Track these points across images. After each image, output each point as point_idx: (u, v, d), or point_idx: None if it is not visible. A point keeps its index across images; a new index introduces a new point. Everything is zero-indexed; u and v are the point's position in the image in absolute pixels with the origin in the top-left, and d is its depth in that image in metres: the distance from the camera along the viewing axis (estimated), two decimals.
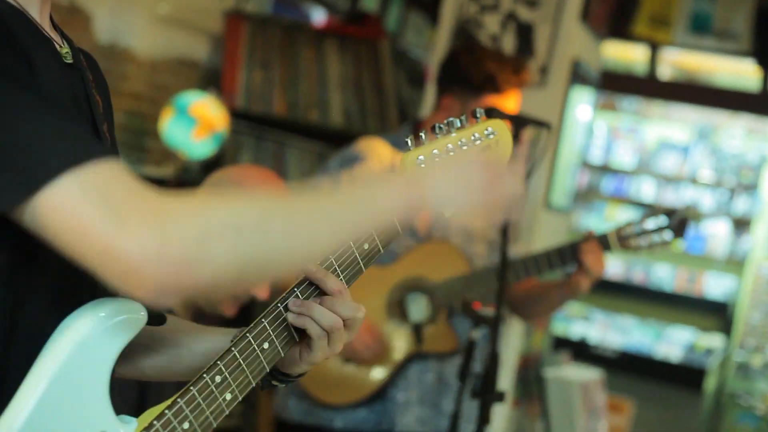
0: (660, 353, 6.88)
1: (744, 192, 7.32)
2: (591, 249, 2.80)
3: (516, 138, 2.73)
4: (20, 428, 1.14)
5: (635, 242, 2.83)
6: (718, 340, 6.95)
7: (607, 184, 7.57)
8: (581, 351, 6.66)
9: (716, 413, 6.57)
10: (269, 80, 4.28)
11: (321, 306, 1.34)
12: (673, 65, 6.60)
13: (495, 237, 3.06)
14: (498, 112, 2.89)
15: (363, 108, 4.35)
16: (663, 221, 2.83)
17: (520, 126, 2.76)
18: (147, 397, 2.00)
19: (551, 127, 2.79)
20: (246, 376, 1.30)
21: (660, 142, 7.46)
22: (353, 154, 3.09)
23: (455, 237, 3.07)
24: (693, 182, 7.36)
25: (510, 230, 2.62)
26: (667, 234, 2.83)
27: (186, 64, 4.33)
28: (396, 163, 1.45)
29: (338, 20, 4.98)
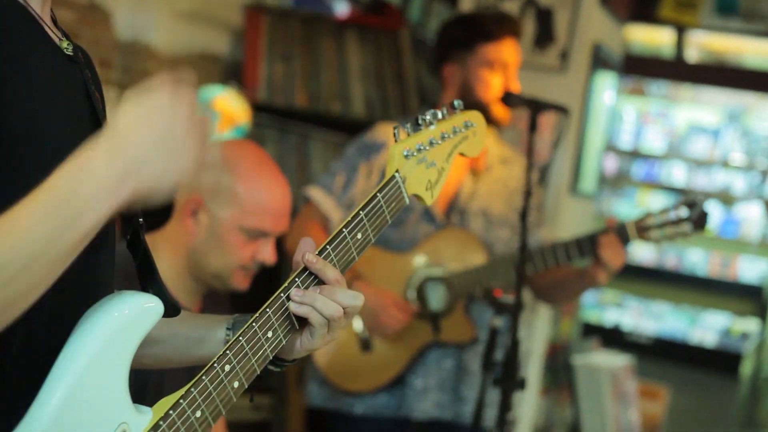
0: (695, 339, 6.80)
1: None
2: (609, 242, 2.78)
3: (533, 123, 2.72)
4: (47, 423, 1.15)
5: (655, 234, 2.81)
6: (754, 325, 6.87)
7: (638, 170, 7.49)
8: (615, 338, 6.59)
9: (753, 398, 6.50)
10: (290, 73, 4.28)
11: (322, 295, 1.37)
12: (701, 48, 6.52)
13: (516, 222, 3.03)
14: (516, 98, 2.88)
15: (384, 98, 4.34)
16: (683, 212, 2.80)
17: (538, 111, 2.74)
18: (146, 389, 2.01)
19: (569, 112, 2.77)
20: (252, 365, 1.34)
21: (690, 126, 7.37)
22: (372, 141, 3.08)
23: (475, 222, 3.05)
24: (724, 166, 7.27)
25: (529, 216, 2.61)
26: (687, 225, 2.80)
27: (207, 59, 4.34)
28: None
29: (358, 11, 4.97)
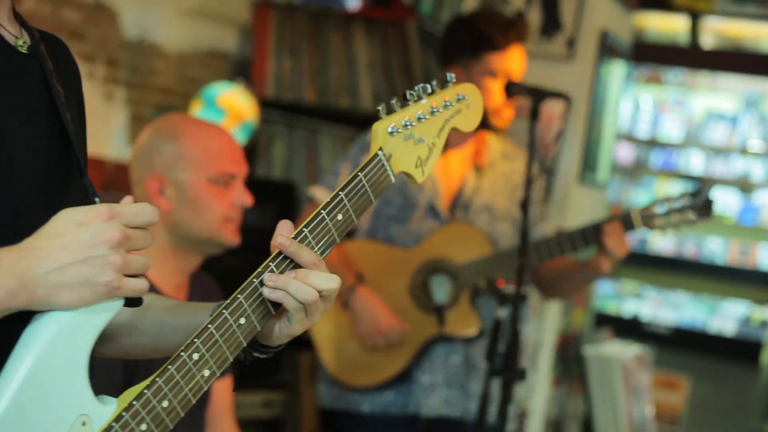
0: (714, 328, 6.75)
1: None
2: (613, 231, 2.77)
3: (535, 111, 2.70)
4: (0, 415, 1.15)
5: (660, 221, 2.80)
6: None
7: (656, 159, 7.44)
8: (634, 328, 6.56)
9: None
10: (298, 68, 4.27)
11: (296, 279, 1.33)
12: (716, 34, 6.46)
13: (519, 216, 3.03)
14: (518, 86, 2.86)
15: (392, 91, 4.32)
16: (688, 201, 2.80)
17: (539, 99, 2.72)
18: (134, 378, 2.01)
19: (571, 99, 2.75)
20: (223, 352, 1.31)
21: (707, 113, 7.31)
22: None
23: (480, 217, 3.04)
24: (742, 153, 7.20)
25: (530, 208, 2.59)
26: (693, 213, 2.79)
27: (215, 56, 4.34)
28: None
29: (367, 4, 4.95)
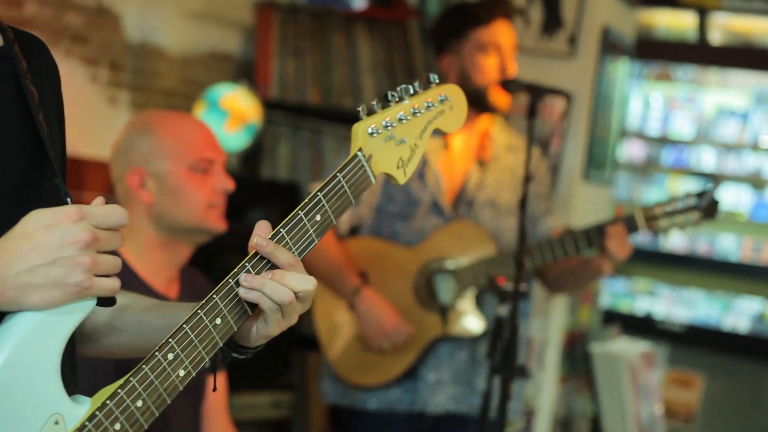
0: (728, 325, 6.71)
1: None
2: (616, 233, 2.76)
3: (533, 108, 2.68)
4: None
5: (663, 223, 2.79)
6: None
7: (667, 156, 7.40)
8: (647, 326, 6.53)
9: None
10: (302, 69, 4.27)
11: (272, 280, 1.33)
12: (724, 30, 6.42)
13: (527, 210, 3.02)
14: (516, 83, 2.85)
15: None
16: (692, 202, 2.78)
17: (538, 96, 2.71)
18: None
19: (569, 96, 2.73)
20: (199, 352, 1.31)
21: (718, 110, 7.27)
22: None
23: (484, 212, 3.03)
24: (754, 149, 7.15)
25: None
26: (697, 214, 2.77)
27: (219, 58, 4.34)
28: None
29: (371, 4, 4.94)
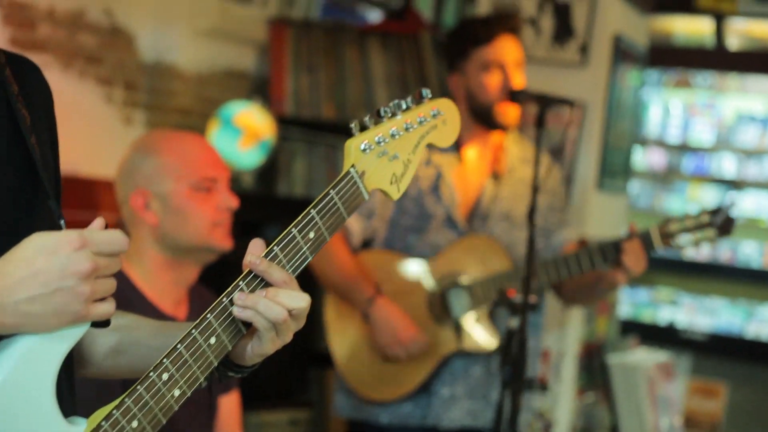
0: (751, 333, 6.67)
1: None
2: (632, 249, 2.77)
3: (542, 118, 2.68)
4: None
5: (678, 240, 2.79)
6: None
7: (687, 163, 7.37)
8: (670, 336, 6.50)
9: None
10: (316, 84, 4.28)
11: (266, 298, 1.33)
12: (742, 35, 6.39)
13: (539, 223, 3.01)
14: (524, 93, 2.85)
15: None
16: (707, 219, 2.78)
17: (546, 105, 2.71)
18: None
19: (575, 105, 2.73)
20: (194, 372, 1.32)
21: (738, 116, 7.24)
22: None
23: (498, 225, 3.03)
24: None
25: (536, 214, 2.58)
26: (712, 231, 2.77)
27: (233, 76, 4.36)
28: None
29: (387, 18, 4.96)
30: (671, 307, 7.08)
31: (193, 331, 1.32)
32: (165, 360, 1.30)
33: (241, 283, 1.35)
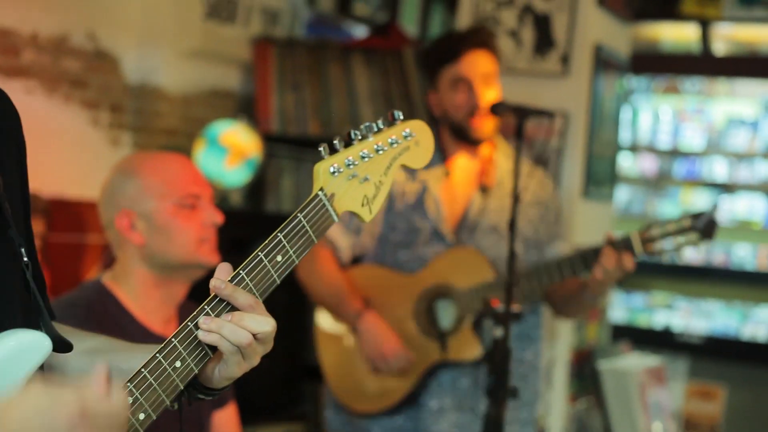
0: (747, 334, 6.68)
1: None
2: (611, 254, 2.76)
3: (520, 130, 2.70)
4: None
5: (660, 245, 2.78)
6: None
7: (679, 169, 7.39)
8: (666, 340, 6.51)
9: None
10: (301, 102, 4.31)
11: (231, 323, 1.33)
12: (727, 40, 6.42)
13: (530, 235, 3.03)
14: (502, 105, 2.87)
15: None
16: (689, 223, 2.77)
17: (524, 117, 2.72)
18: None
19: (553, 115, 2.75)
20: (159, 395, 1.31)
21: (728, 120, 7.26)
22: None
23: (486, 238, 3.03)
24: (765, 157, 7.13)
25: (516, 226, 2.59)
26: (695, 235, 2.76)
27: (218, 95, 4.38)
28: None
29: (371, 34, 4.98)
30: (667, 312, 7.09)
31: (158, 355, 1.32)
32: (129, 384, 1.29)
33: (207, 308, 1.35)
